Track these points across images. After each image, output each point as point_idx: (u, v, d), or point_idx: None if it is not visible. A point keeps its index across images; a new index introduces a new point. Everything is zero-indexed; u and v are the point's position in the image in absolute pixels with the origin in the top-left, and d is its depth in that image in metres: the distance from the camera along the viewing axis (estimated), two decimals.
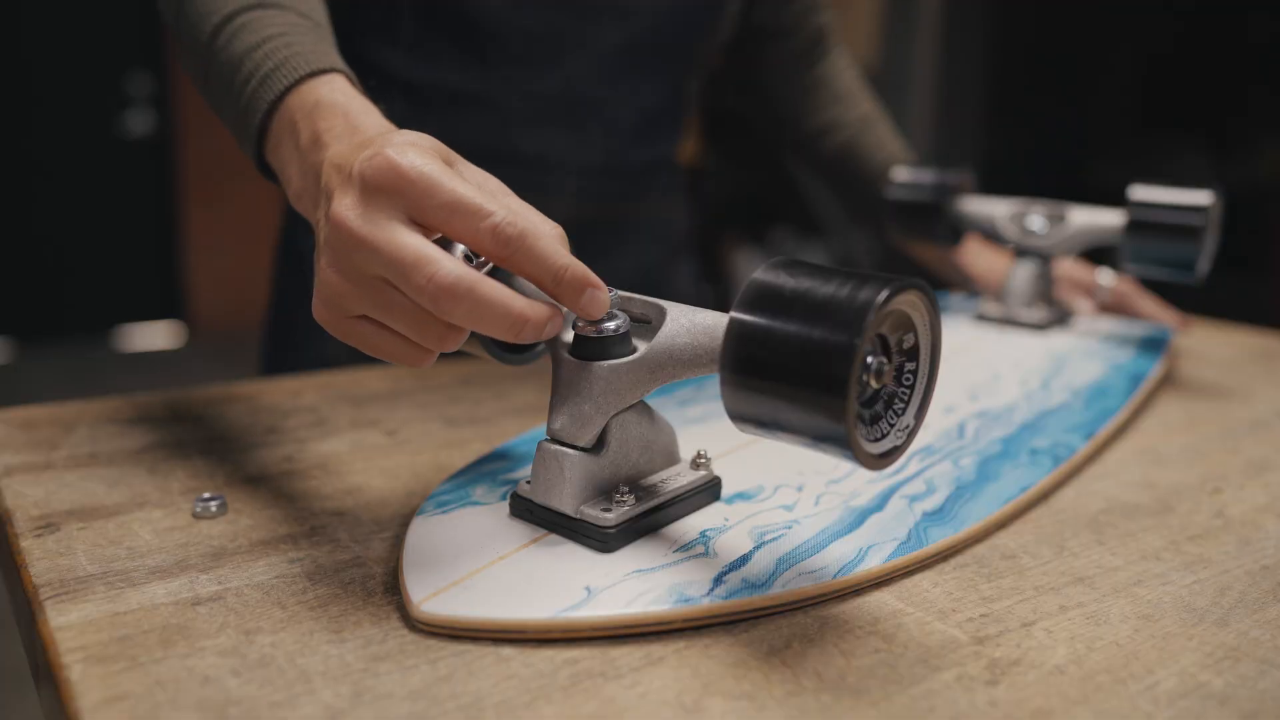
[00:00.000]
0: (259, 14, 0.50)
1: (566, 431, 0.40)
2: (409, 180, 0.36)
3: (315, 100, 0.45)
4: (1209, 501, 0.51)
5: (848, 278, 0.34)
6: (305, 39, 0.48)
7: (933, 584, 0.41)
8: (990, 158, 2.78)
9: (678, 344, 0.38)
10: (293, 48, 0.48)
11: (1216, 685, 0.34)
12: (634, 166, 0.82)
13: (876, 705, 0.32)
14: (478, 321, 0.36)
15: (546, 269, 0.36)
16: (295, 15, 0.50)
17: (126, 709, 0.30)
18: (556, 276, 0.37)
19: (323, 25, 0.52)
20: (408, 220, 0.36)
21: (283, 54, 0.47)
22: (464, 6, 0.72)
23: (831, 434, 0.33)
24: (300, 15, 0.51)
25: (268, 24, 0.49)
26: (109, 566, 0.39)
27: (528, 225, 0.36)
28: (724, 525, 0.42)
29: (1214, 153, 2.38)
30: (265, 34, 0.49)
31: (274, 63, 0.47)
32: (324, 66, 0.47)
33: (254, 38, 0.49)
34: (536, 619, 0.35)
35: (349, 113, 0.44)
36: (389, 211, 0.36)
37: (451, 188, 0.36)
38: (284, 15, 0.50)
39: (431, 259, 0.35)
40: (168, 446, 0.53)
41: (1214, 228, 0.70)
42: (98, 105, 3.59)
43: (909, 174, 0.82)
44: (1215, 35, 2.33)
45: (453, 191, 0.36)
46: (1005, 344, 0.72)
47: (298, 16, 0.50)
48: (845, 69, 0.93)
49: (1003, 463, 0.51)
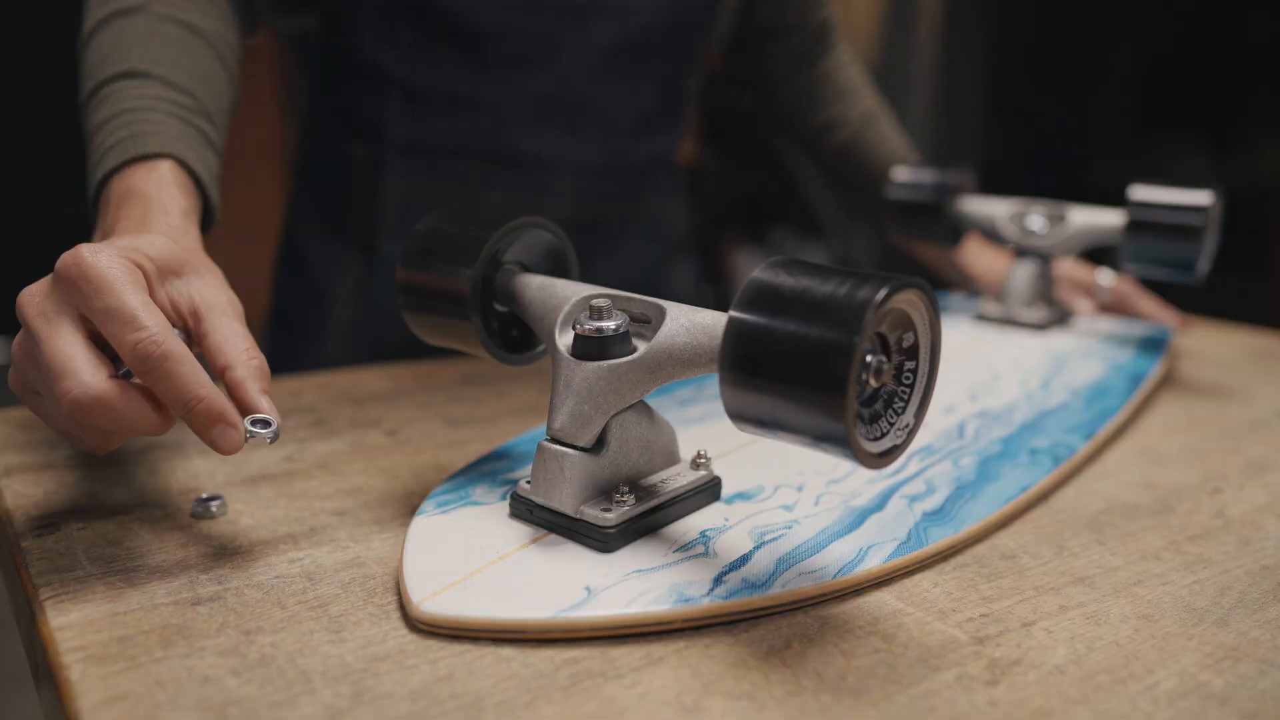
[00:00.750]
0: (123, 85, 0.51)
1: (566, 431, 0.40)
2: (82, 276, 0.37)
3: (126, 188, 0.46)
4: (1209, 501, 0.51)
5: (847, 276, 0.34)
6: (151, 117, 0.49)
7: (933, 584, 0.41)
8: (990, 158, 2.77)
9: (677, 344, 0.38)
10: (131, 128, 0.48)
11: (1216, 685, 0.34)
12: (633, 166, 0.82)
13: (876, 705, 0.32)
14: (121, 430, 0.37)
15: (178, 398, 0.37)
16: (158, 85, 0.51)
17: (126, 709, 0.30)
18: (187, 406, 0.37)
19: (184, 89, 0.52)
20: (76, 316, 0.37)
21: (121, 134, 0.48)
22: (459, 11, 0.72)
23: (831, 433, 0.33)
24: (164, 84, 0.51)
25: (124, 97, 0.50)
26: (109, 566, 0.39)
27: (171, 351, 0.36)
28: (724, 525, 0.42)
29: (1214, 153, 2.38)
30: (118, 108, 0.50)
31: (111, 142, 0.48)
32: (149, 152, 0.47)
33: (107, 111, 0.50)
34: (536, 619, 0.35)
35: (149, 206, 0.45)
36: (62, 305, 0.37)
37: (118, 294, 0.36)
38: (146, 87, 0.51)
39: (71, 372, 0.36)
40: (168, 446, 0.53)
41: (1214, 228, 0.70)
42: None
43: (909, 174, 0.82)
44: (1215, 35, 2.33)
45: (116, 297, 0.36)
46: (1005, 344, 0.72)
47: (159, 87, 0.51)
48: (849, 65, 0.93)
49: (1003, 463, 0.51)
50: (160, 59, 0.52)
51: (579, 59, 0.75)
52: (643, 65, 0.78)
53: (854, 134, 0.91)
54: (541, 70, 0.75)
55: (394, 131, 0.76)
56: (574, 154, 0.78)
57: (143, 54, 0.52)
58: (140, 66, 0.51)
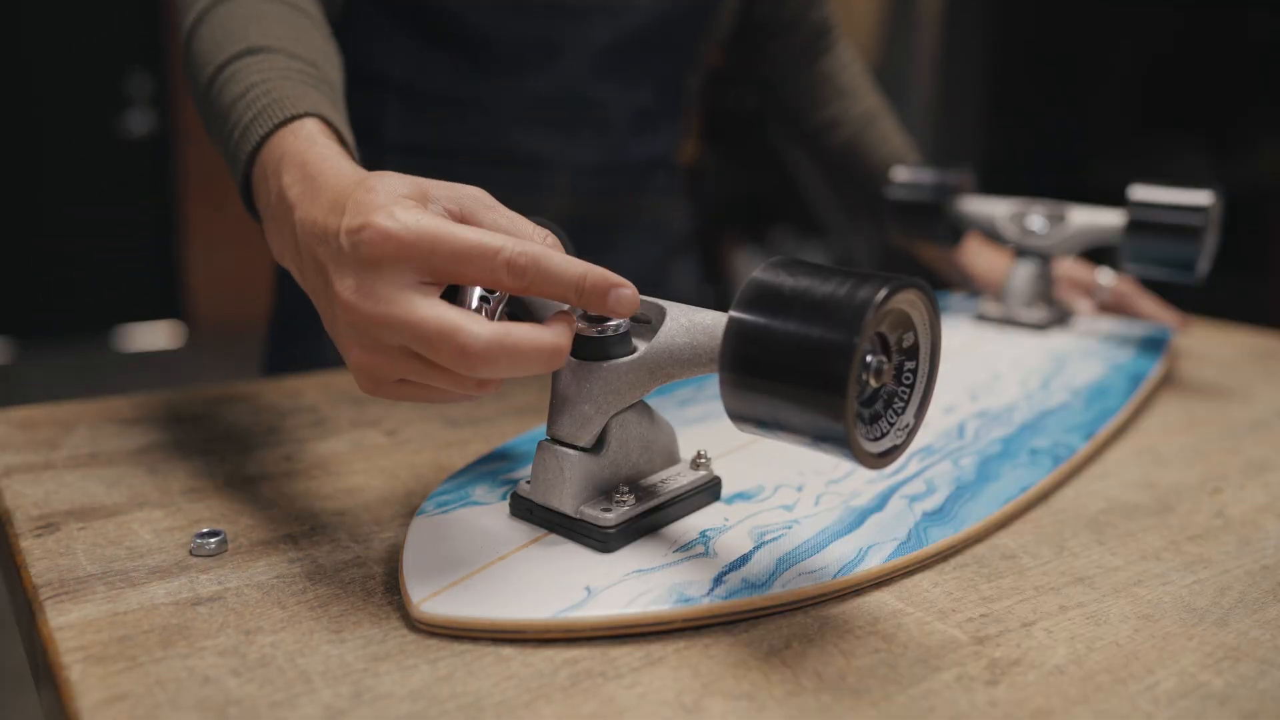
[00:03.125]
0: (247, 61, 0.50)
1: (566, 431, 0.40)
2: (407, 244, 0.35)
3: (280, 154, 0.44)
4: (1209, 501, 0.51)
5: (847, 277, 0.34)
6: (284, 85, 0.48)
7: (933, 584, 0.41)
8: (990, 158, 2.77)
9: (677, 344, 0.38)
10: (270, 95, 0.47)
11: (1216, 685, 0.34)
12: (632, 165, 0.82)
13: (876, 705, 0.32)
14: (516, 370, 0.35)
15: (568, 285, 0.36)
16: (283, 58, 0.50)
17: (126, 709, 0.30)
18: (579, 288, 0.36)
19: (307, 60, 0.51)
20: (416, 284, 0.36)
21: (260, 104, 0.47)
22: (458, 12, 0.72)
23: (831, 433, 0.33)
24: (288, 56, 0.50)
25: (252, 72, 0.49)
26: (109, 566, 0.39)
27: (534, 251, 0.35)
28: (724, 525, 0.42)
29: (1214, 153, 2.38)
30: (249, 83, 0.48)
31: (252, 114, 0.47)
32: (294, 113, 0.46)
33: (239, 88, 0.48)
34: (536, 619, 0.35)
35: (305, 164, 0.42)
36: (395, 282, 0.35)
37: (452, 238, 0.35)
38: (269, 60, 0.50)
39: (457, 328, 0.34)
40: (168, 446, 0.53)
41: (1214, 228, 0.70)
42: (98, 105, 3.59)
43: (909, 174, 0.82)
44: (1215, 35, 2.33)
45: (455, 241, 0.35)
46: (1005, 344, 0.72)
47: (284, 59, 0.50)
48: (849, 64, 0.93)
49: (1003, 463, 0.51)
50: (278, 34, 0.52)
51: (578, 59, 0.75)
52: (642, 64, 0.78)
53: (854, 133, 0.91)
54: (541, 70, 0.75)
55: (393, 132, 0.76)
56: (573, 154, 0.79)
57: (259, 32, 0.51)
58: (260, 43, 0.51)
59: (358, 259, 0.35)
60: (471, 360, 0.34)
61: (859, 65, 0.94)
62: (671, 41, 0.80)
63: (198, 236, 3.77)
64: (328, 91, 0.50)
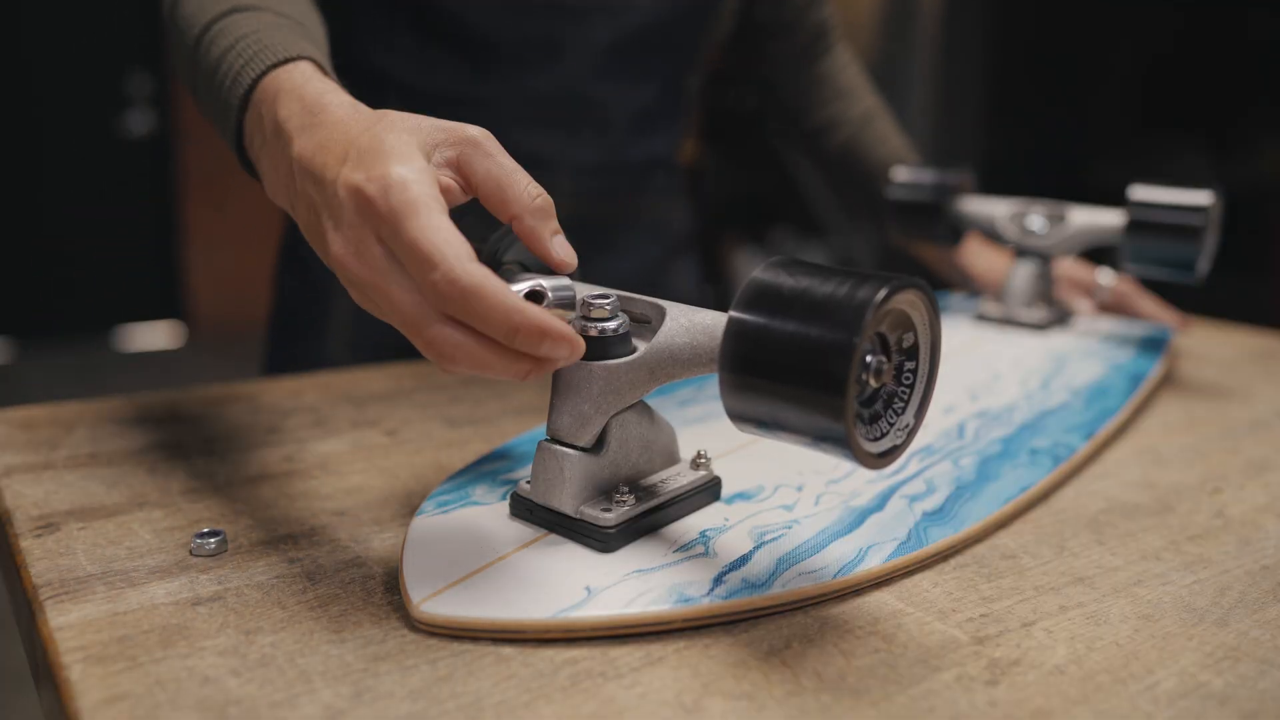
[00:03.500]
0: (235, 18, 0.50)
1: (566, 431, 0.40)
2: (383, 214, 0.35)
3: (276, 89, 0.44)
4: (1209, 501, 0.51)
5: (846, 277, 0.34)
6: (275, 34, 0.48)
7: (933, 584, 0.41)
8: (990, 158, 2.77)
9: (677, 344, 0.38)
10: (261, 42, 0.47)
11: (1216, 685, 0.34)
12: (632, 165, 0.82)
13: (876, 705, 0.32)
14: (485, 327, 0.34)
15: (495, 326, 0.33)
16: (271, 15, 0.51)
17: (126, 709, 0.30)
18: (509, 331, 0.33)
19: (296, 19, 0.52)
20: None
21: (251, 50, 0.47)
22: (459, 12, 0.72)
23: (831, 433, 0.33)
24: (276, 14, 0.51)
25: (241, 25, 0.49)
26: (109, 566, 0.39)
27: (469, 284, 0.33)
28: (724, 525, 0.42)
29: (1214, 153, 2.37)
30: (239, 34, 0.49)
31: (244, 60, 0.47)
32: (288, 55, 0.46)
33: (229, 40, 0.49)
34: (536, 619, 0.35)
35: (304, 96, 0.42)
36: (380, 248, 0.35)
37: (415, 227, 0.34)
38: (259, 16, 0.50)
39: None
40: (168, 446, 0.53)
41: (1214, 228, 0.70)
42: (98, 105, 3.59)
43: (909, 174, 0.82)
44: (1215, 35, 2.33)
45: (414, 230, 0.34)
46: (1005, 344, 0.72)
47: (273, 16, 0.51)
48: (848, 65, 0.93)
49: (1003, 463, 0.51)
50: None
51: (579, 58, 0.75)
52: (643, 64, 0.78)
53: (853, 134, 0.91)
54: (541, 70, 0.75)
55: None
56: (574, 153, 0.79)
57: None
58: (247, 1, 0.51)
59: (351, 214, 0.36)
60: (446, 300, 0.34)
61: (856, 67, 0.94)
62: (672, 41, 0.80)
63: (198, 236, 3.77)
64: (319, 46, 0.50)
